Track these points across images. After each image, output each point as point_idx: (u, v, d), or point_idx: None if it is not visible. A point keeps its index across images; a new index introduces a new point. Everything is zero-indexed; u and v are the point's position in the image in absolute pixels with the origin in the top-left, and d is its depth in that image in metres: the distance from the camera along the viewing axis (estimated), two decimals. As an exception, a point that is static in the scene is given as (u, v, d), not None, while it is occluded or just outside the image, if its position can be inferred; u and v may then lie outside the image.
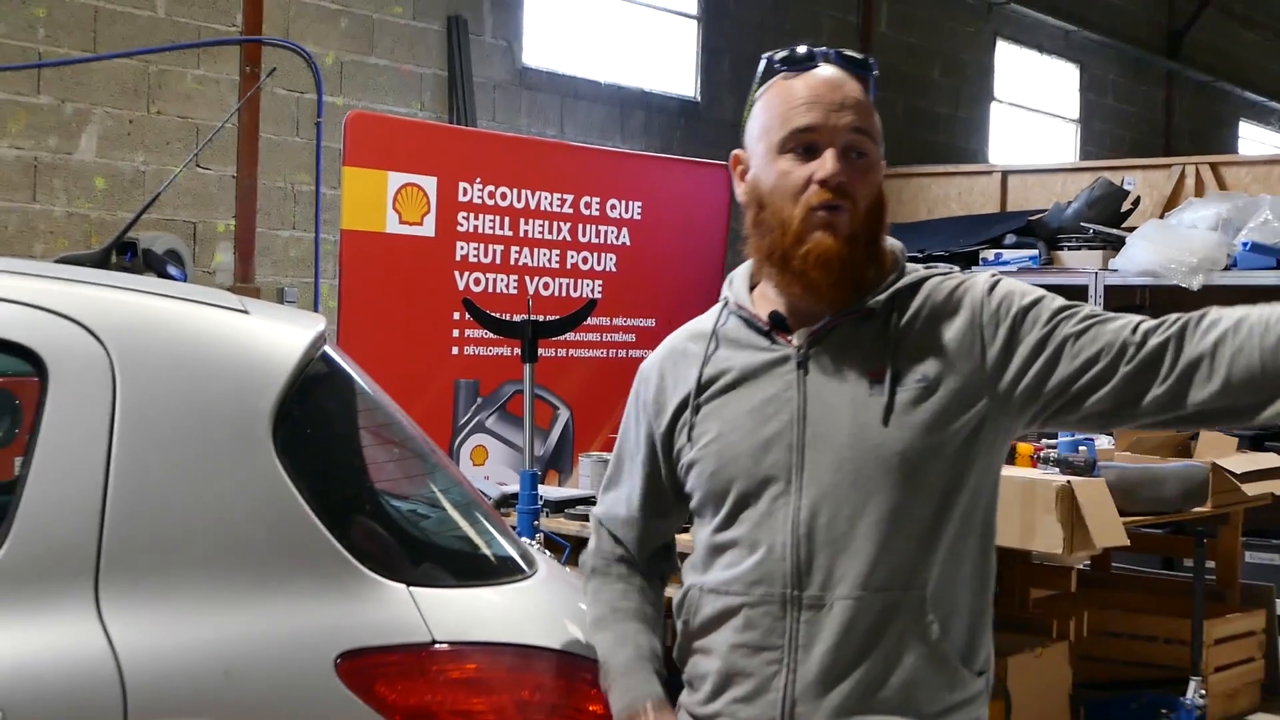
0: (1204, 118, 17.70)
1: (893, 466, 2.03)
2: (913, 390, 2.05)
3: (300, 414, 2.19)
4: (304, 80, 8.38)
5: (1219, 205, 9.33)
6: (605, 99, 10.44)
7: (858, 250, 2.08)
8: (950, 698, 2.07)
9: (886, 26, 12.84)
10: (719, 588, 2.13)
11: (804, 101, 2.11)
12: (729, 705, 2.11)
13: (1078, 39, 15.29)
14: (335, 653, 2.05)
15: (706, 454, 2.15)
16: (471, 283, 6.78)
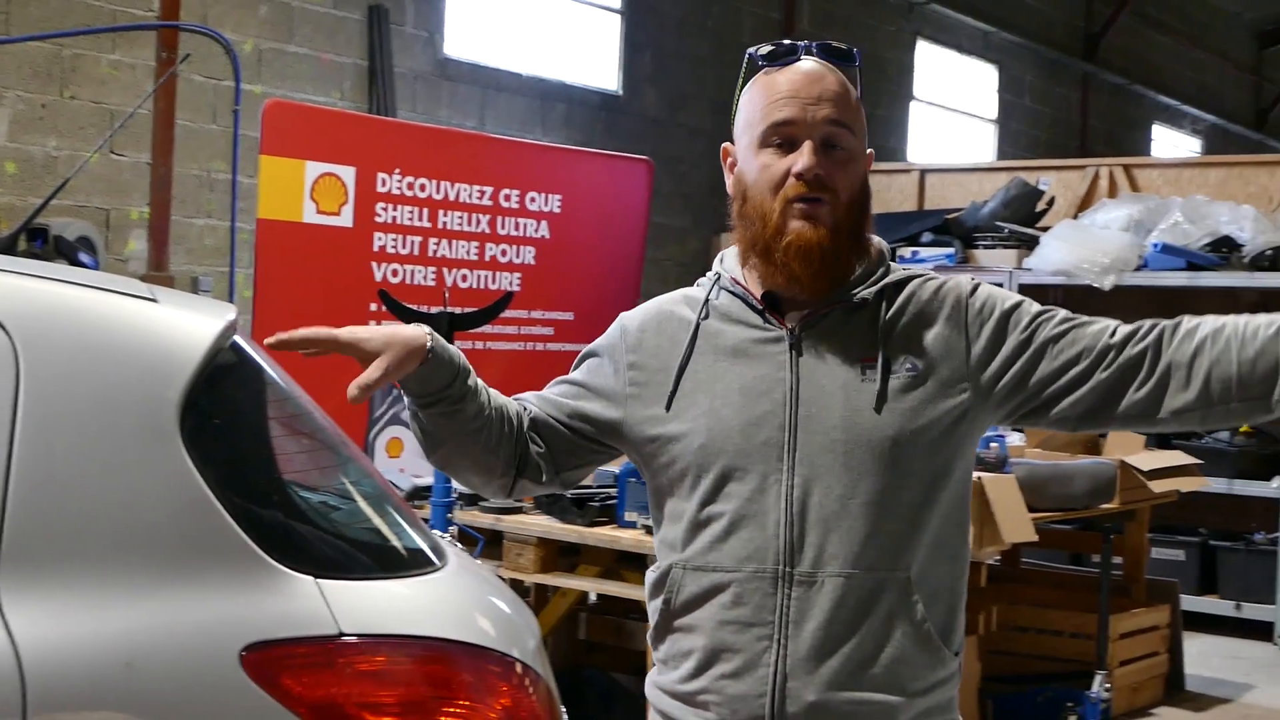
0: (1118, 120, 17.96)
1: (883, 451, 2.09)
2: (903, 379, 2.12)
3: (208, 404, 2.17)
4: (222, 67, 8.30)
5: (1131, 207, 9.48)
6: (526, 91, 10.43)
7: (839, 241, 2.14)
8: (932, 676, 2.14)
9: (808, 24, 12.92)
10: (705, 565, 2.15)
11: (783, 96, 2.15)
12: (715, 682, 2.13)
13: (996, 40, 15.46)
14: (240, 645, 2.03)
15: (695, 427, 2.17)
16: (389, 274, 6.76)
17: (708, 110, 11.94)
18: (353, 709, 2.09)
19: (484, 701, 2.21)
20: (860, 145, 2.21)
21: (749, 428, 2.13)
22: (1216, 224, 9.07)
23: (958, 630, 2.20)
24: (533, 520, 4.96)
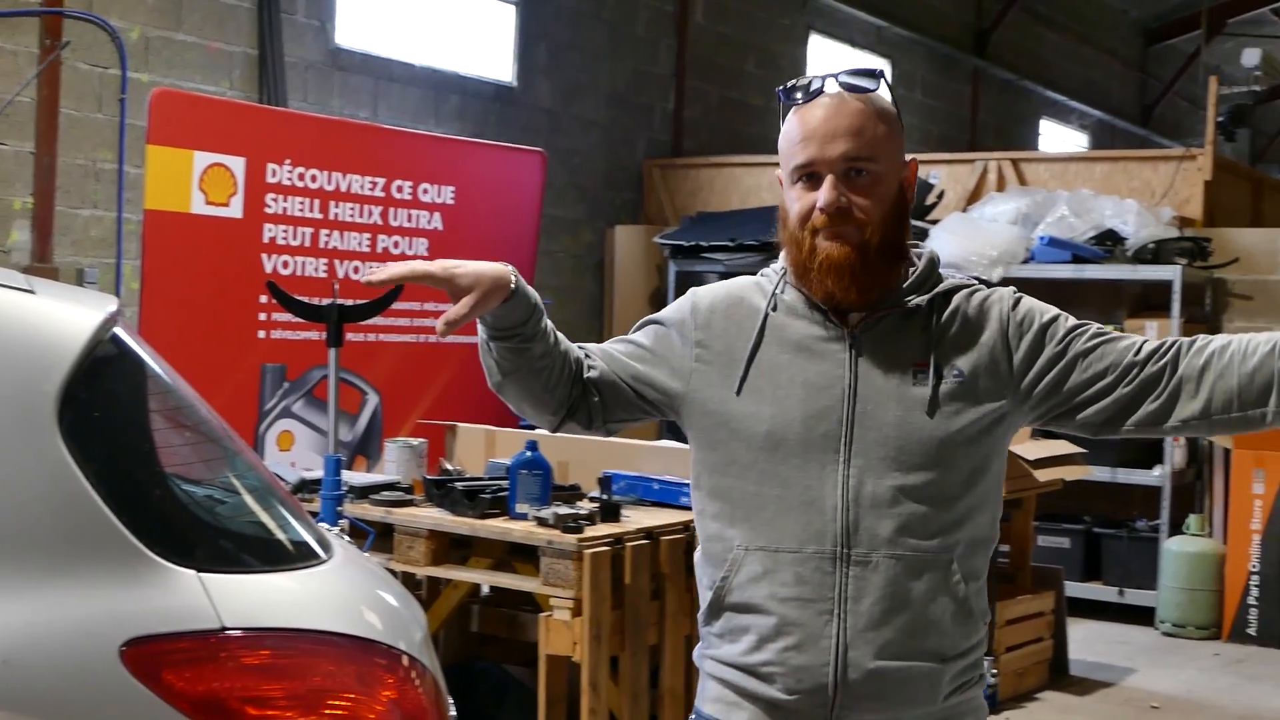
0: (1007, 115, 18.21)
1: (931, 449, 2.30)
2: (950, 384, 2.33)
3: (88, 397, 2.15)
4: (108, 55, 8.16)
5: (1019, 200, 9.64)
6: (420, 82, 10.37)
7: (868, 256, 2.31)
8: (966, 643, 2.36)
9: (702, 17, 12.95)
10: (767, 545, 2.33)
11: (801, 139, 2.34)
12: (780, 654, 2.31)
13: (888, 35, 15.61)
14: (120, 640, 2.02)
15: (761, 414, 2.35)
16: (279, 265, 6.71)
17: (602, 102, 11.95)
18: (236, 704, 2.08)
19: (370, 694, 2.21)
20: (886, 166, 2.36)
21: (810, 419, 2.32)
22: (1101, 218, 9.25)
23: (985, 604, 2.42)
24: (423, 513, 4.96)
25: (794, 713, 2.32)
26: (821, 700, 2.28)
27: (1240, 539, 8.58)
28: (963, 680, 2.36)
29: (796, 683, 2.29)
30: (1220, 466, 8.89)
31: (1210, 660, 8.10)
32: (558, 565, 4.61)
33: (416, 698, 2.28)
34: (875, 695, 2.28)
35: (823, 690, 2.28)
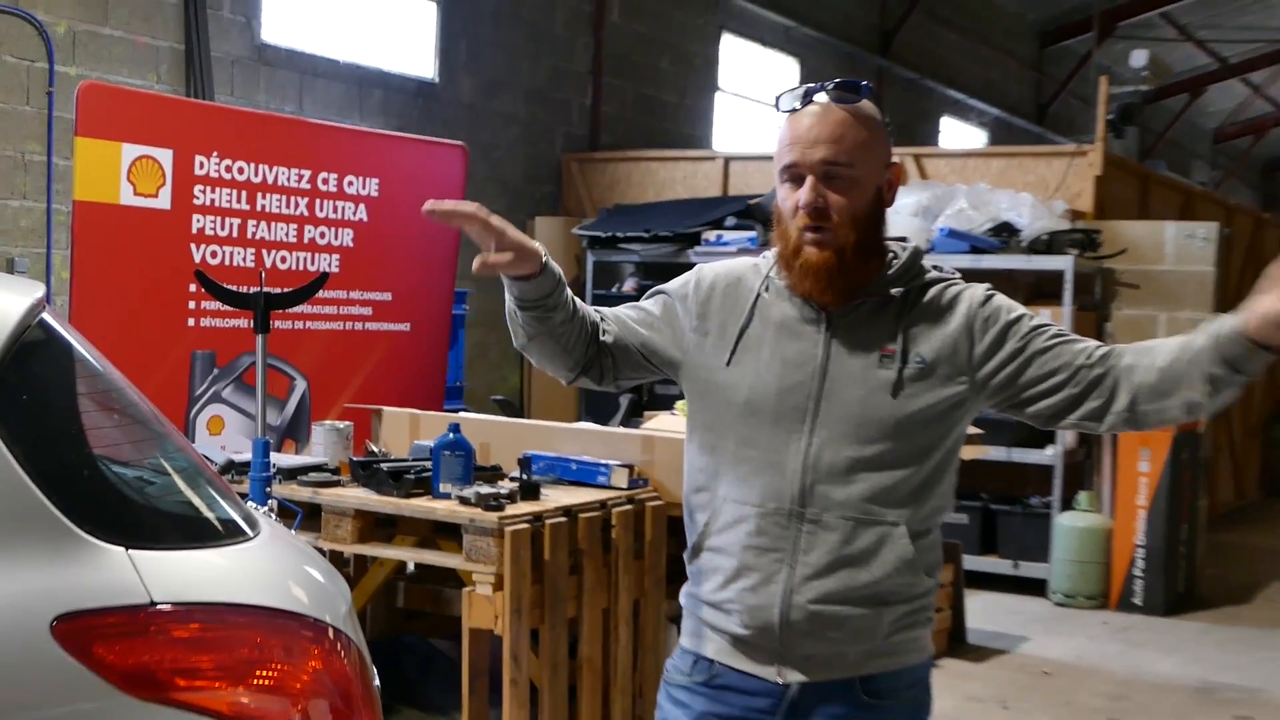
0: (910, 112, 18.36)
1: (889, 426, 2.47)
2: (913, 369, 2.48)
3: (15, 380, 2.14)
4: (35, 49, 8.05)
5: (920, 193, 9.73)
6: (344, 77, 10.31)
7: (844, 258, 2.47)
8: (909, 592, 2.50)
9: (618, 15, 12.97)
10: (738, 499, 2.53)
11: (788, 143, 2.51)
12: (739, 594, 2.52)
13: (797, 34, 15.71)
14: (51, 616, 2.01)
15: (740, 383, 2.55)
16: (208, 255, 6.65)
17: (521, 98, 11.94)
18: (165, 675, 2.08)
19: (296, 665, 2.22)
20: (864, 171, 2.50)
21: (783, 392, 2.50)
22: (998, 210, 9.36)
23: (936, 559, 2.58)
24: (350, 493, 4.94)
25: (750, 644, 2.52)
26: (770, 635, 2.48)
27: (1127, 515, 8.74)
28: (905, 623, 2.51)
29: (750, 619, 2.50)
30: (1108, 446, 9.05)
31: (1099, 628, 8.25)
32: (480, 542, 4.61)
33: (341, 668, 2.29)
34: (815, 633, 2.46)
35: (771, 627, 2.48)
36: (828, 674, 2.49)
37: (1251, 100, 27.36)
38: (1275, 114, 28.44)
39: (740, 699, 2.55)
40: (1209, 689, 6.97)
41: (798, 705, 2.51)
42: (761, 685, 2.53)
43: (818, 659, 2.49)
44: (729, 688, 2.56)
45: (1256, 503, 13.58)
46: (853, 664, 2.49)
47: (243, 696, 2.14)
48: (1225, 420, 12.00)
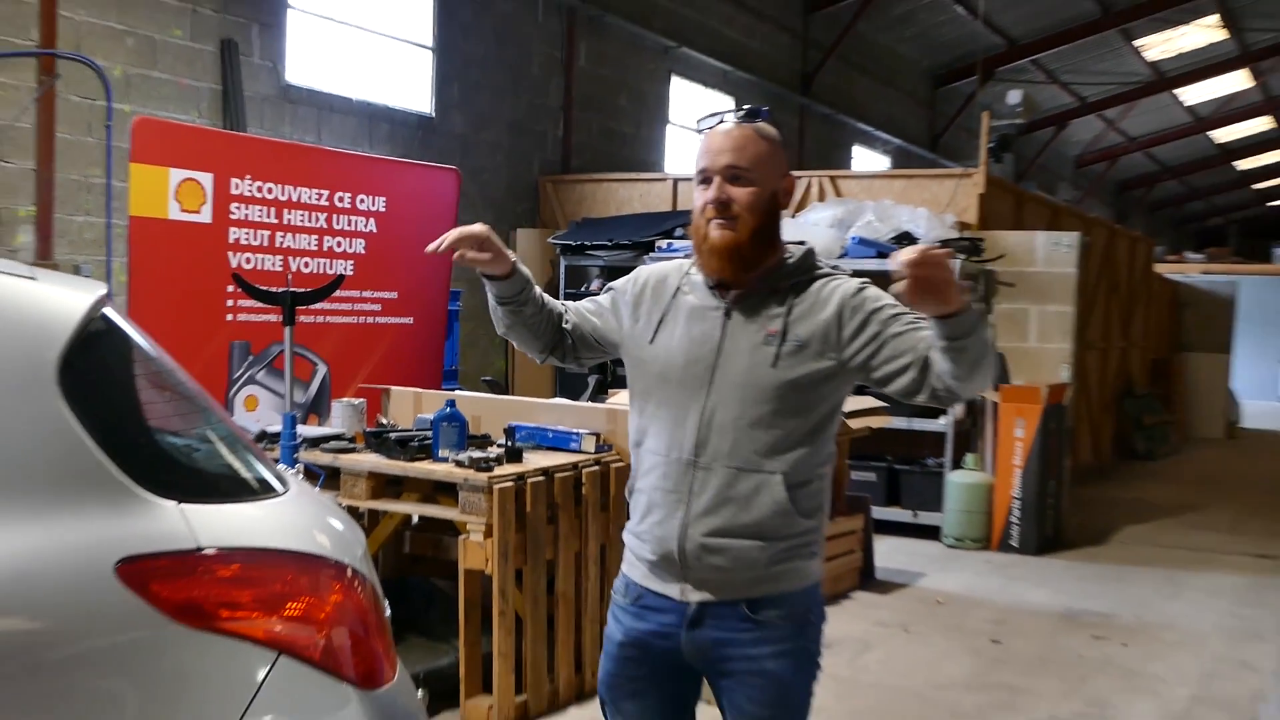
0: (826, 142, 18.43)
1: (769, 393, 2.50)
2: (791, 346, 2.51)
3: (83, 364, 2.12)
4: (95, 89, 7.97)
5: (836, 208, 9.76)
6: (356, 113, 10.26)
7: (743, 244, 2.52)
8: (787, 531, 2.52)
9: (585, 61, 12.95)
10: (651, 450, 2.61)
11: (702, 152, 2.59)
12: (650, 527, 2.59)
13: (733, 77, 15.72)
14: (115, 559, 2.00)
15: (656, 357, 2.62)
16: (243, 261, 6.61)
17: (504, 130, 11.91)
18: (211, 607, 2.08)
19: (321, 598, 2.21)
20: (761, 176, 2.55)
21: (688, 365, 2.56)
22: (899, 222, 9.40)
23: (816, 506, 2.59)
24: (364, 458, 4.93)
25: (660, 568, 2.59)
26: (673, 561, 2.55)
27: (1005, 473, 8.82)
28: (784, 556, 2.53)
29: (657, 547, 2.57)
30: (990, 417, 9.12)
31: (982, 566, 8.32)
32: (472, 498, 4.62)
33: (359, 601, 2.28)
34: (706, 561, 2.51)
35: (672, 554, 2.54)
36: (719, 595, 2.53)
37: (1106, 132, 27.58)
38: (1126, 144, 28.69)
39: (656, 615, 2.60)
40: (1072, 614, 7.05)
41: (696, 620, 2.55)
42: (669, 604, 2.58)
43: (711, 582, 2.53)
44: (648, 607, 2.62)
45: (1110, 463, 13.72)
46: (739, 587, 2.52)
47: (276, 625, 2.13)
48: (1084, 395, 12.11)
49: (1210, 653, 6.32)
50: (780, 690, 2.55)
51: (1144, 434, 14.58)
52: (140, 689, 2.00)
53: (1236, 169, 33.51)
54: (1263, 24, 21.59)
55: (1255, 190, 36.83)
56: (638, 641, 2.64)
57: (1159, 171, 32.39)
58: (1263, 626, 6.87)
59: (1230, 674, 5.96)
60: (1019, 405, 8.82)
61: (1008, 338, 9.66)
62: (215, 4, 8.99)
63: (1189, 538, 9.61)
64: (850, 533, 7.40)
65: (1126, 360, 14.32)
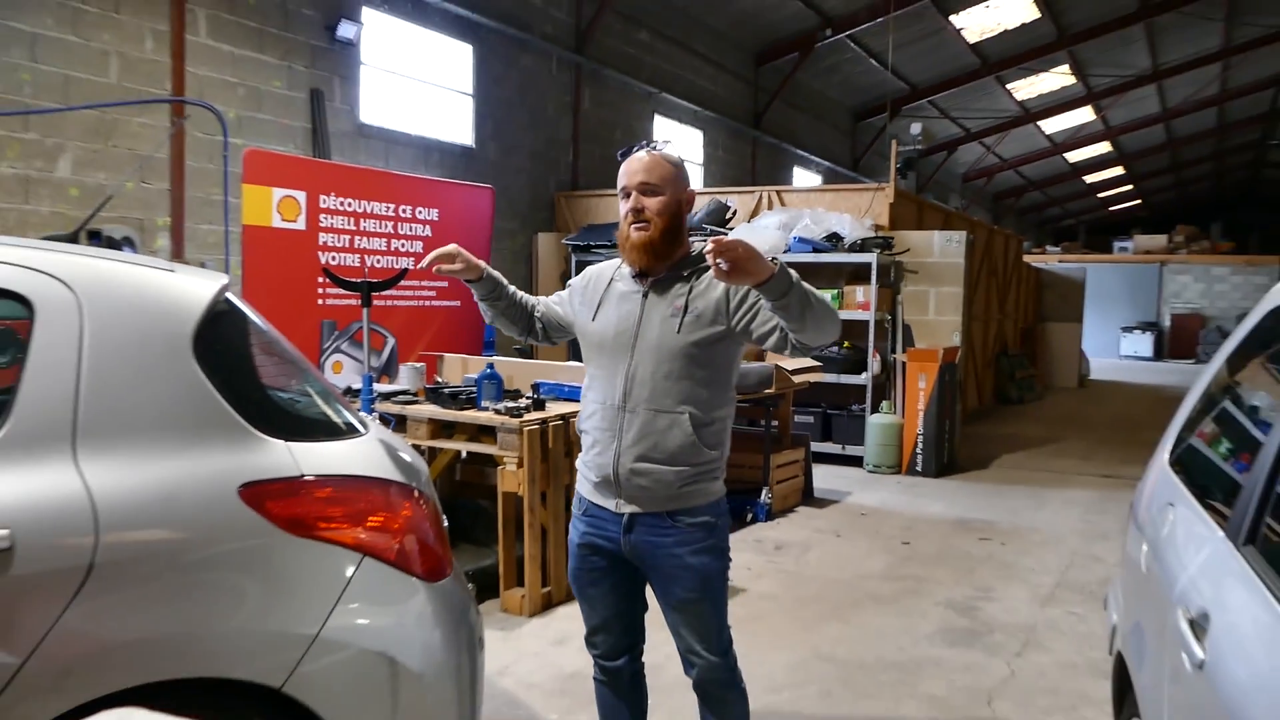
0: (773, 164, 18.34)
1: (676, 353, 2.50)
2: (691, 317, 2.51)
3: (211, 336, 2.11)
4: (215, 128, 7.88)
5: (781, 215, 9.73)
6: (414, 145, 10.17)
7: (657, 243, 2.52)
8: (695, 459, 2.53)
9: (588, 104, 12.84)
10: (591, 400, 2.61)
11: (622, 174, 2.57)
12: (594, 458, 2.59)
13: (701, 115, 15.61)
14: (238, 484, 2.00)
15: (595, 330, 2.62)
16: (330, 259, 6.56)
17: (527, 157, 11.82)
18: (311, 520, 2.07)
19: (395, 513, 2.21)
20: (669, 190, 2.54)
21: (617, 335, 2.57)
22: (830, 225, 9.37)
23: (718, 440, 2.58)
24: (424, 408, 4.91)
25: (602, 487, 2.59)
26: (610, 482, 2.56)
27: (912, 415, 8.82)
28: (692, 478, 2.53)
29: (599, 472, 2.58)
30: (900, 373, 9.12)
31: (895, 486, 8.34)
32: (508, 437, 4.60)
33: (424, 515, 2.28)
34: (633, 481, 2.52)
35: (609, 477, 2.55)
36: (645, 507, 2.54)
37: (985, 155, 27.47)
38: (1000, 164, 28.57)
39: (600, 523, 2.61)
40: (963, 522, 7.07)
41: (630, 526, 2.56)
42: (609, 514, 2.59)
43: (639, 498, 2.53)
44: (595, 517, 2.62)
45: (990, 407, 13.75)
46: (660, 501, 2.53)
47: (360, 533, 2.13)
48: (971, 356, 12.11)
49: (1068, 549, 6.35)
50: (701, 578, 2.56)
51: (1016, 384, 14.60)
52: (258, 583, 2.00)
53: (1085, 182, 33.45)
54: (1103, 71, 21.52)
55: (1099, 198, 36.79)
56: (590, 543, 2.65)
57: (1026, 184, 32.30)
58: (1108, 529, 6.91)
59: (1084, 565, 5.99)
60: (921, 364, 8.82)
61: (912, 312, 9.64)
62: (305, 61, 8.89)
63: (1051, 463, 9.65)
64: (794, 462, 7.41)
65: (1002, 328, 14.32)
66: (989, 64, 19.93)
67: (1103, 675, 4.15)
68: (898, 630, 4.68)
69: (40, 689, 1.79)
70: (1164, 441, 2.88)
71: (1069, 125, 25.89)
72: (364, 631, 2.08)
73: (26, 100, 6.87)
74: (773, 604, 5.04)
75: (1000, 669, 4.24)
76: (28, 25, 6.88)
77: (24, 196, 6.90)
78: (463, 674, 2.27)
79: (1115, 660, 2.68)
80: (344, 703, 2.05)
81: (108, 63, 7.33)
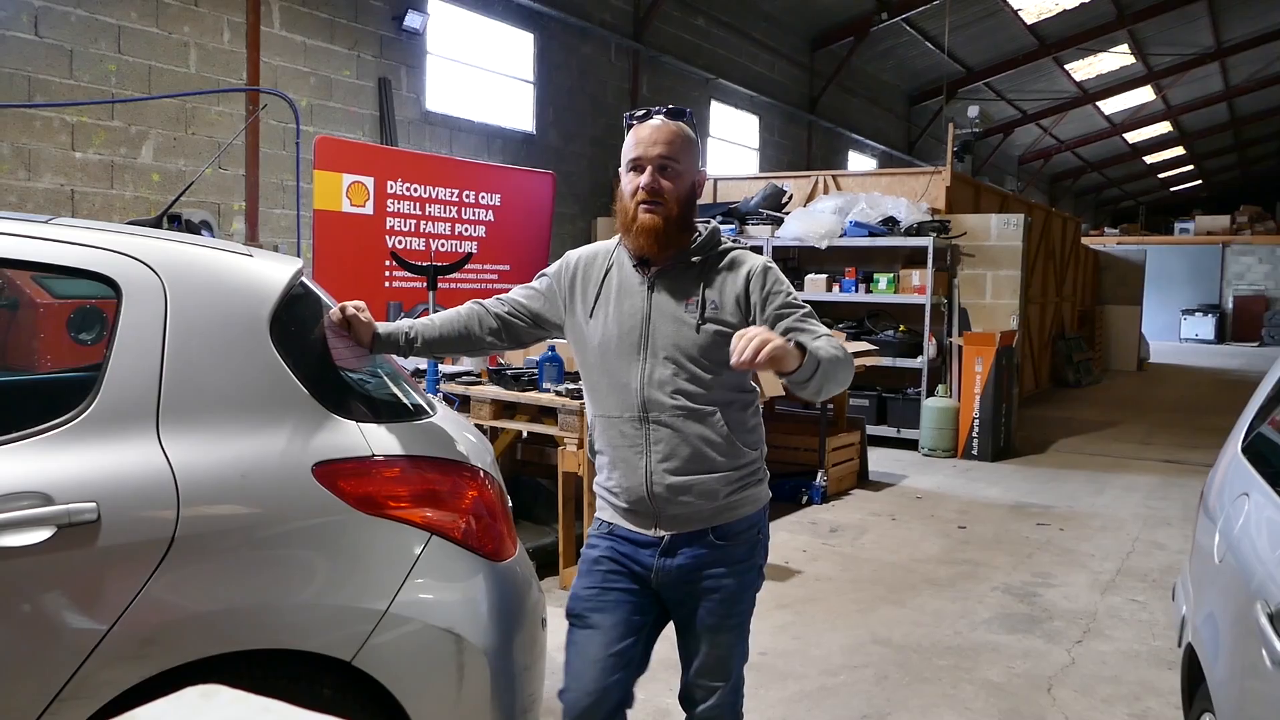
0: (829, 149, 18.11)
1: (694, 349, 2.16)
2: (708, 311, 2.17)
3: (287, 318, 2.11)
4: (288, 116, 7.99)
5: (837, 200, 9.59)
6: (478, 131, 10.21)
7: (669, 226, 2.16)
8: (735, 463, 2.21)
9: (646, 90, 12.77)
10: (605, 413, 2.24)
11: (636, 142, 2.19)
12: (618, 480, 2.24)
13: (758, 101, 15.45)
14: (311, 463, 2.00)
15: (594, 330, 2.24)
16: (397, 243, 6.62)
17: (587, 143, 11.80)
18: (381, 499, 2.07)
19: (461, 493, 2.20)
20: (685, 168, 2.19)
21: (623, 335, 2.20)
22: (886, 209, 9.22)
23: (755, 438, 2.27)
24: (487, 389, 4.93)
25: (634, 513, 2.25)
26: (645, 504, 2.22)
27: (968, 398, 8.67)
28: (737, 485, 2.23)
29: (629, 496, 2.23)
30: (956, 356, 8.96)
31: (950, 469, 8.21)
32: (568, 418, 4.59)
33: (489, 494, 2.27)
34: (675, 499, 2.19)
35: (644, 499, 2.21)
36: (689, 526, 2.21)
37: (1042, 137, 26.81)
38: (1057, 145, 27.87)
39: (629, 546, 2.26)
40: (1020, 506, 6.93)
41: (669, 548, 2.22)
42: (645, 538, 2.24)
43: (680, 517, 2.21)
44: (623, 539, 2.27)
45: (1047, 390, 13.46)
46: (705, 518, 2.21)
47: (428, 511, 2.13)
48: (1028, 339, 11.86)
49: (1128, 535, 6.18)
50: (734, 601, 2.25)
51: (1073, 367, 14.27)
52: (330, 558, 2.01)
53: (1145, 162, 32.48)
54: (1163, 50, 20.83)
55: (1159, 179, 35.72)
56: (615, 557, 2.27)
57: (1083, 166, 31.48)
58: (1170, 515, 6.71)
59: (1145, 552, 5.83)
60: (978, 347, 8.65)
61: (969, 296, 9.45)
62: (373, 51, 8.95)
63: (1110, 447, 9.41)
64: (850, 445, 7.32)
65: (1060, 311, 13.99)
66: (1046, 45, 19.41)
67: (1167, 665, 4.03)
68: (954, 615, 4.59)
69: (124, 656, 1.82)
70: (1236, 429, 2.77)
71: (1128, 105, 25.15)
72: (431, 608, 2.08)
73: (113, 90, 7.02)
74: (828, 585, 4.99)
75: (1060, 656, 4.14)
76: (114, 18, 7.02)
77: (109, 182, 7.06)
78: (526, 651, 2.27)
79: (1185, 652, 2.58)
80: (411, 677, 2.05)
81: (187, 53, 7.46)
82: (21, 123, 6.60)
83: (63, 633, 1.79)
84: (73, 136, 6.84)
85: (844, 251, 9.30)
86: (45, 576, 1.79)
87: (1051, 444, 9.48)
